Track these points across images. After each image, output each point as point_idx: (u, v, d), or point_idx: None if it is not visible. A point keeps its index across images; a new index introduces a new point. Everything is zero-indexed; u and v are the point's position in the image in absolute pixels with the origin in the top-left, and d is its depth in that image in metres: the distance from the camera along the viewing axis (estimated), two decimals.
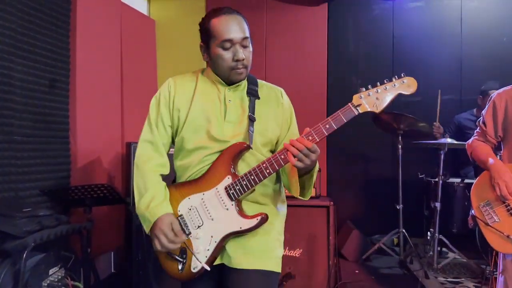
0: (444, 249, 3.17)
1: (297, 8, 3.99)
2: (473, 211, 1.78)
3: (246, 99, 1.48)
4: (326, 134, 1.32)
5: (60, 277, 2.13)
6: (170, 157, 1.54)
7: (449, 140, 2.91)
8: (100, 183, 2.54)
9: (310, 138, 1.30)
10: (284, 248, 2.84)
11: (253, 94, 1.48)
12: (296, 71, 3.96)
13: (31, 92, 2.58)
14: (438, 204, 2.86)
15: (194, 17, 4.15)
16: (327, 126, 1.31)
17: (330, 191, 3.82)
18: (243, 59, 1.41)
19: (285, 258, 2.81)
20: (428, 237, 2.93)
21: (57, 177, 2.76)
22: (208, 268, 1.38)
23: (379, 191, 3.78)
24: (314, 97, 3.87)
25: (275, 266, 1.45)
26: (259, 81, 1.56)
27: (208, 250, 1.39)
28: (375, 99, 1.31)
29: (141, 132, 1.56)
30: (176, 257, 1.41)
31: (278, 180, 1.53)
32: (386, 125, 3.19)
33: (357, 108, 1.31)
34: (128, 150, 3.13)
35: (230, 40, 1.39)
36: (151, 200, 1.42)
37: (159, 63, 4.19)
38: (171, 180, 1.56)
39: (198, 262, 1.38)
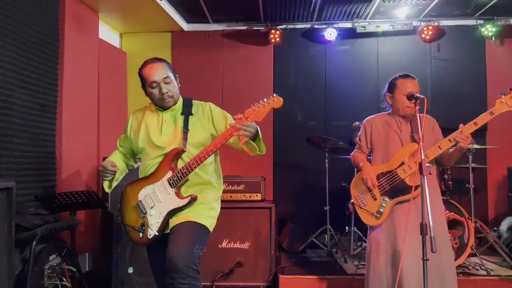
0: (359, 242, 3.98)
1: (249, 47, 4.81)
2: (352, 200, 2.56)
3: (180, 117, 2.10)
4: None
5: (57, 263, 2.68)
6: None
7: None
8: (86, 190, 3.10)
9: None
10: (235, 242, 3.56)
11: (187, 113, 2.12)
12: (248, 98, 4.59)
13: (27, 115, 3.07)
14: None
15: (161, 50, 4.95)
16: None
17: (277, 196, 4.60)
18: (166, 92, 2.04)
19: (236, 250, 3.54)
20: (346, 231, 3.74)
21: (46, 186, 3.26)
22: (157, 234, 2.02)
23: (315, 196, 4.46)
24: (262, 120, 4.66)
25: (198, 218, 1.99)
26: (193, 101, 2.18)
27: (158, 222, 2.03)
28: None
29: (115, 148, 2.35)
30: (136, 228, 2.07)
31: (209, 172, 2.12)
32: (316, 144, 4.02)
33: None
34: None
35: (154, 82, 2.03)
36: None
37: (129, 89, 4.78)
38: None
39: (152, 231, 2.03)
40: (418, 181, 2.07)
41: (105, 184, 2.21)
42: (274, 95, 1.93)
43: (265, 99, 1.93)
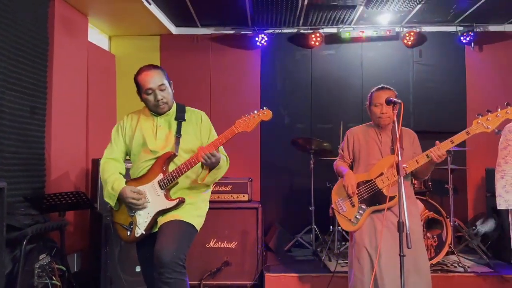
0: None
1: (237, 51, 4.90)
2: (332, 205, 2.66)
3: (174, 123, 2.19)
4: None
5: (47, 262, 2.72)
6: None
7: None
8: (75, 191, 3.14)
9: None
10: (223, 241, 3.64)
11: (180, 118, 2.21)
12: (235, 102, 4.81)
13: (17, 117, 3.10)
14: None
15: (150, 53, 5.01)
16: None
17: (263, 197, 4.69)
18: (161, 99, 2.12)
19: (223, 249, 3.62)
20: (331, 230, 3.85)
21: (35, 187, 3.29)
22: (144, 233, 2.12)
23: (301, 196, 4.59)
24: (252, 131, 4.74)
25: (186, 217, 2.08)
26: (186, 107, 2.27)
27: (146, 222, 2.12)
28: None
29: (103, 150, 2.34)
30: (125, 226, 2.17)
31: (198, 174, 2.18)
32: (301, 146, 4.12)
33: None
34: (94, 166, 3.69)
35: (150, 89, 2.11)
36: (112, 184, 2.14)
37: (118, 92, 4.82)
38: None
39: (139, 229, 2.12)
40: (394, 192, 2.17)
41: (112, 202, 2.20)
42: (264, 108, 2.05)
43: (255, 111, 2.05)
